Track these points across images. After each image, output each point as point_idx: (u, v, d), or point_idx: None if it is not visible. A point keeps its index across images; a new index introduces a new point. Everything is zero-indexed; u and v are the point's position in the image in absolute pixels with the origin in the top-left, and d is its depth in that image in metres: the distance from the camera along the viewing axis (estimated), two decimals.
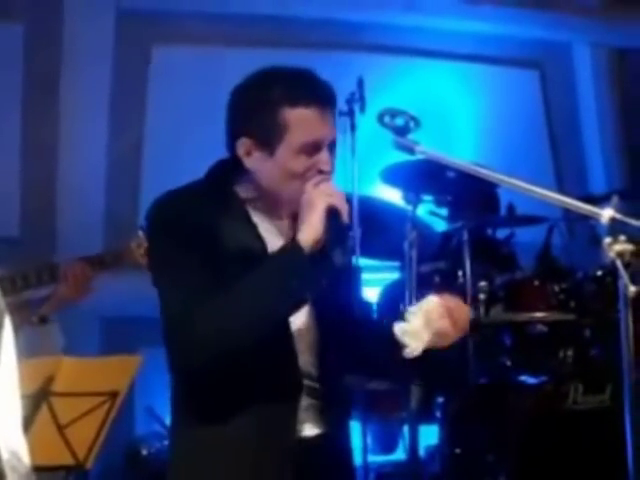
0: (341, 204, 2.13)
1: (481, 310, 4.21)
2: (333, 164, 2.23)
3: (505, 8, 5.87)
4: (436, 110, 5.42)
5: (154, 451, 4.80)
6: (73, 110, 5.19)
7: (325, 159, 2.19)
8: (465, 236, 4.27)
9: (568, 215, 4.59)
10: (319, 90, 2.20)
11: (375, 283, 4.70)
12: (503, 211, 4.57)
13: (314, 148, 2.18)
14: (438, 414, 4.33)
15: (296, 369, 2.21)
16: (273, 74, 2.22)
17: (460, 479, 4.15)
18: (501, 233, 4.85)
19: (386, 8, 5.62)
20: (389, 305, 4.54)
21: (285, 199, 2.22)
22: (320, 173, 2.19)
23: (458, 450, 4.17)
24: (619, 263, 1.84)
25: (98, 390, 3.01)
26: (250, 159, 2.20)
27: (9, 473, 1.04)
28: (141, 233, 3.39)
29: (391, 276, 4.75)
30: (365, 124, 4.15)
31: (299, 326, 2.23)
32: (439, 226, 4.78)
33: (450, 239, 4.63)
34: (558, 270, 4.35)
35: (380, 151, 2.96)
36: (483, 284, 4.25)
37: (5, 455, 1.03)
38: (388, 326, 2.34)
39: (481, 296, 4.23)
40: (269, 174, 2.20)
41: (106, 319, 5.07)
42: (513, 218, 4.57)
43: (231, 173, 2.26)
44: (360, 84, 4.25)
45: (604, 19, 6.12)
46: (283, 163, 2.18)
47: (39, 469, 1.60)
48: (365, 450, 4.44)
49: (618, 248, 1.85)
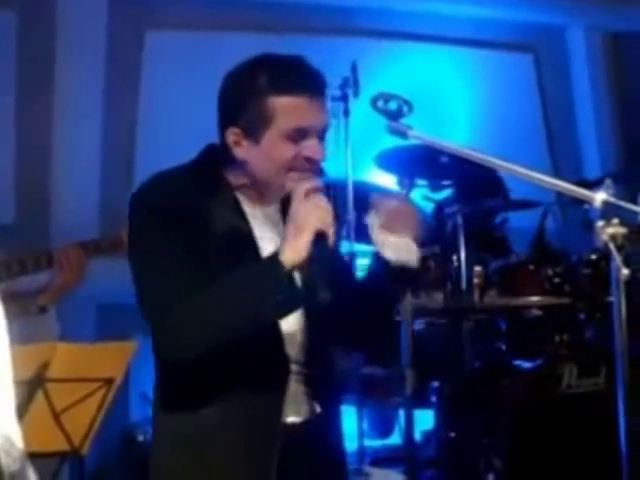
0: (329, 227, 2.06)
1: (476, 295, 4.22)
2: (324, 153, 2.19)
3: None
4: (430, 94, 5.42)
5: (149, 437, 4.80)
6: (67, 96, 5.18)
7: (313, 146, 2.16)
8: (459, 221, 4.28)
9: (562, 199, 4.59)
10: (307, 78, 2.16)
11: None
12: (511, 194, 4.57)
13: (300, 135, 2.15)
14: (433, 398, 4.34)
15: (282, 355, 2.20)
16: (260, 62, 2.19)
17: (455, 463, 4.16)
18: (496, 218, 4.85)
19: None
20: None
21: (273, 187, 2.20)
22: (308, 161, 2.16)
23: (453, 434, 4.18)
24: (612, 246, 1.85)
25: (93, 376, 3.01)
26: (239, 148, 2.18)
27: (3, 457, 1.04)
28: None
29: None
30: (359, 109, 4.15)
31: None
32: (432, 211, 4.78)
33: (444, 224, 4.63)
34: (552, 254, 4.35)
35: (374, 136, 2.96)
36: (478, 269, 4.25)
37: None
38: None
39: (476, 281, 4.23)
40: (257, 163, 2.18)
41: (102, 306, 5.07)
42: (507, 203, 4.57)
43: (221, 159, 2.24)
44: (354, 69, 4.25)
45: (599, 2, 6.11)
46: (269, 151, 2.15)
47: (34, 455, 1.60)
48: (361, 435, 4.45)
49: (611, 231, 1.86)
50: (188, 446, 2.21)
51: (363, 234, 4.27)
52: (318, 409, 2.27)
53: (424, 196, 4.62)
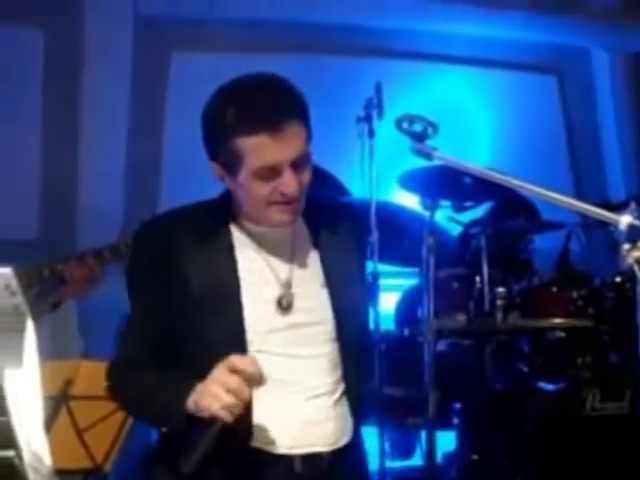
0: (228, 420, 2.04)
1: (499, 316, 4.21)
2: (303, 180, 2.17)
3: (523, 13, 5.86)
4: (454, 116, 5.42)
5: None
6: (93, 114, 5.21)
7: (286, 182, 2.14)
8: (483, 242, 4.27)
9: (586, 221, 4.58)
10: (269, 112, 2.11)
11: (393, 289, 4.70)
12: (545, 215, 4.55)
13: (271, 173, 2.13)
14: (455, 420, 4.32)
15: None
16: (225, 98, 2.18)
17: None
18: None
19: (404, 14, 5.62)
20: (407, 311, 4.55)
21: (258, 219, 2.23)
22: (282, 196, 2.15)
23: (475, 456, 4.17)
24: (637, 269, 1.84)
25: None
26: (226, 181, 2.22)
27: (31, 474, 1.05)
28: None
29: (409, 282, 4.75)
30: (383, 130, 4.16)
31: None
32: (456, 232, 4.78)
33: (468, 245, 4.63)
34: (576, 276, 4.34)
35: (398, 157, 2.96)
36: (501, 290, 4.24)
37: (27, 456, 1.04)
38: None
39: (499, 302, 4.22)
40: (240, 196, 2.21)
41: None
42: (531, 224, 4.56)
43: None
44: (378, 90, 4.25)
45: (623, 24, 6.10)
46: (246, 188, 2.17)
47: (58, 472, 1.61)
48: (382, 455, 4.44)
49: (636, 254, 1.85)
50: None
51: (386, 254, 4.28)
52: (344, 439, 2.26)
53: (447, 217, 4.62)
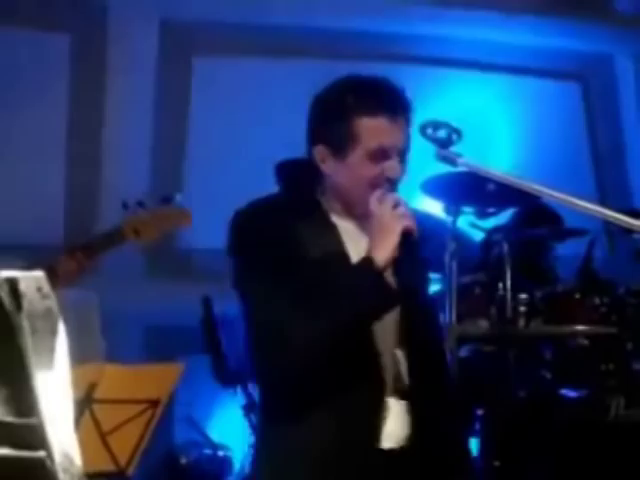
0: (413, 224, 2.21)
1: (521, 323, 4.20)
2: (403, 171, 2.31)
3: (546, 20, 5.85)
4: (478, 122, 5.41)
5: (193, 459, 4.83)
6: (117, 119, 5.24)
7: (393, 166, 2.28)
8: (505, 248, 4.26)
9: (610, 228, 4.57)
10: (390, 99, 2.30)
11: None
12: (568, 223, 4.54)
13: (382, 155, 2.27)
14: (478, 426, 4.31)
15: (379, 378, 2.27)
16: (346, 84, 2.33)
17: None
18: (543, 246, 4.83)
19: (428, 20, 5.63)
20: None
21: (357, 201, 2.31)
22: (387, 181, 2.28)
23: (498, 463, 4.15)
24: None
25: (140, 397, 3.03)
26: (325, 165, 2.31)
27: (61, 475, 1.06)
28: (132, 212, 3.42)
29: (432, 287, 4.74)
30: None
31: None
32: (479, 238, 4.77)
33: (490, 251, 4.62)
34: (599, 283, 4.32)
35: (421, 162, 2.96)
36: (523, 296, 4.23)
37: (58, 458, 1.06)
38: None
39: (521, 308, 4.21)
40: (342, 178, 2.30)
41: (149, 327, 5.10)
42: (555, 231, 4.55)
43: (309, 178, 2.37)
44: None
45: None
46: (354, 169, 2.27)
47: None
48: None
49: None
50: (287, 463, 2.27)
51: None
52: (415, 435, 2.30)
53: (470, 223, 4.61)
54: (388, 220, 2.20)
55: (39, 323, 1.10)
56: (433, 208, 4.61)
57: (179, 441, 5.05)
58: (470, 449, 2.48)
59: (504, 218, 4.67)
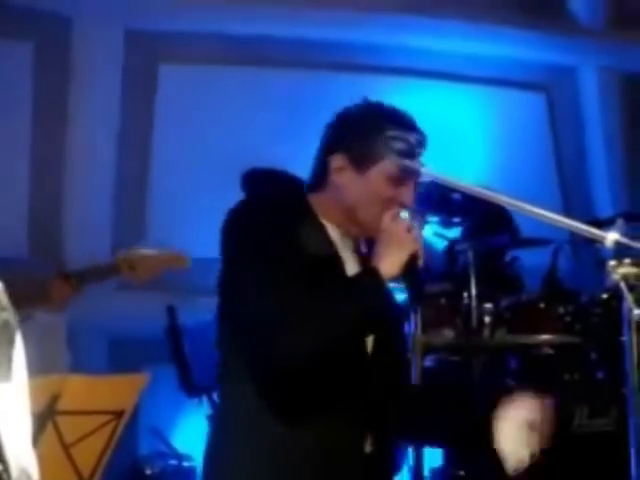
0: (421, 253, 2.24)
1: (486, 332, 4.21)
2: (414, 200, 2.34)
3: (511, 31, 5.89)
4: (443, 132, 5.43)
5: (158, 471, 4.80)
6: (81, 128, 5.21)
7: (409, 194, 2.32)
8: (470, 258, 4.28)
9: (574, 238, 4.59)
10: (420, 133, 2.37)
11: None
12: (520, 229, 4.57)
13: (401, 179, 2.30)
14: None
15: (366, 387, 2.30)
16: (381, 107, 2.38)
17: None
18: (507, 255, 4.85)
19: (395, 30, 5.65)
20: None
21: (361, 219, 2.32)
22: (400, 205, 2.30)
23: (462, 472, 4.16)
24: (623, 286, 1.85)
25: (104, 409, 3.00)
26: (340, 174, 2.31)
27: None
28: (128, 249, 3.45)
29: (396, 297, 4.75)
30: None
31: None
32: (444, 248, 4.78)
33: (455, 261, 4.64)
34: (564, 293, 4.35)
35: None
36: (488, 306, 4.25)
37: (15, 473, 1.04)
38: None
39: (486, 318, 4.23)
40: (355, 192, 2.31)
41: (113, 339, 5.08)
42: (518, 240, 4.57)
43: (303, 185, 2.37)
44: None
45: (611, 42, 6.14)
46: (372, 185, 2.30)
47: None
48: None
49: (623, 271, 1.86)
50: (263, 466, 2.26)
51: None
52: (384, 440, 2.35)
53: (435, 232, 4.63)
54: (402, 238, 2.22)
55: None
56: None
57: (144, 452, 5.02)
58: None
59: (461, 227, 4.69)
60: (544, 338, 4.24)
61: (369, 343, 2.33)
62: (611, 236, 1.90)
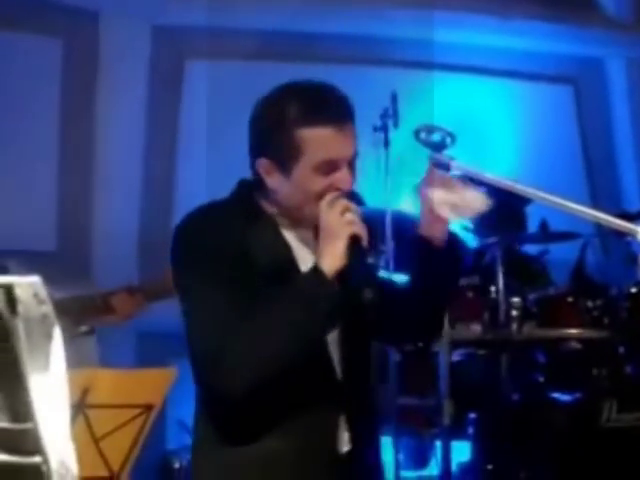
0: (362, 231, 2.08)
1: (514, 326, 4.20)
2: (353, 180, 2.18)
3: (538, 24, 5.87)
4: (471, 125, 5.42)
5: (186, 464, 4.82)
6: (109, 124, 5.24)
7: (344, 178, 2.14)
8: (498, 252, 4.27)
9: (602, 232, 4.58)
10: (334, 108, 2.14)
11: None
12: (532, 228, 4.56)
13: (331, 167, 2.13)
14: (470, 430, 4.32)
15: (335, 381, 2.20)
16: (288, 92, 2.18)
17: None
18: (534, 249, 4.84)
19: (423, 24, 5.64)
20: None
21: (306, 216, 2.19)
22: (338, 191, 2.13)
23: (490, 466, 4.16)
24: None
25: (133, 402, 3.02)
26: (270, 179, 2.17)
27: None
28: None
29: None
30: (399, 139, 4.16)
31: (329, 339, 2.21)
32: (472, 242, 4.78)
33: (483, 255, 4.63)
34: (592, 287, 4.34)
35: (414, 166, 2.97)
36: (516, 300, 4.24)
37: (54, 464, 1.05)
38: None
39: (514, 312, 4.22)
40: (288, 194, 2.16)
41: (142, 333, 5.10)
42: (546, 234, 4.56)
43: (255, 189, 2.23)
44: (394, 99, 4.26)
45: (638, 34, 6.10)
46: (301, 184, 2.14)
47: None
48: (397, 465, 4.44)
49: None
50: (238, 477, 2.19)
51: (401, 264, 4.28)
52: (359, 438, 2.23)
53: (463, 227, 4.62)
54: (335, 226, 2.07)
55: (35, 328, 1.10)
56: None
57: (172, 446, 5.04)
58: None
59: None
60: (572, 332, 4.22)
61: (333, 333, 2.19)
62: None
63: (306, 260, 2.20)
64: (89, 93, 5.23)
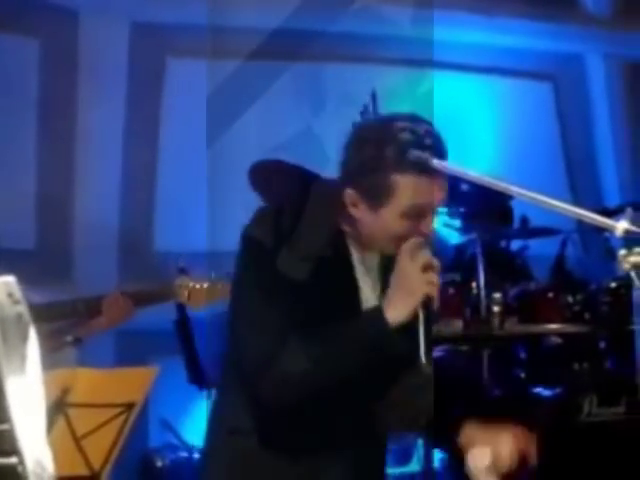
0: (436, 294, 2.10)
1: (495, 322, 4.21)
2: (434, 224, 2.21)
3: (518, 20, 5.88)
4: (452, 122, 5.43)
5: (168, 463, 4.82)
6: (89, 123, 5.22)
7: (429, 225, 2.17)
8: (479, 248, 4.28)
9: (582, 227, 4.59)
10: (430, 154, 2.13)
11: None
12: (517, 223, 4.58)
13: (418, 213, 2.15)
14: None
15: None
16: (386, 131, 2.16)
17: None
18: (515, 245, 4.85)
19: (403, 21, 5.64)
20: None
21: (379, 248, 2.22)
22: (420, 235, 2.16)
23: None
24: (634, 275, 1.85)
25: (114, 401, 3.01)
26: (354, 209, 2.18)
27: None
28: (185, 276, 3.43)
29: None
30: None
31: None
32: (453, 238, 4.79)
33: (464, 251, 4.64)
34: (572, 282, 4.35)
35: None
36: (497, 296, 4.25)
37: (30, 464, 1.05)
38: None
39: (495, 308, 4.22)
40: (369, 227, 2.18)
41: (120, 332, 5.08)
42: (527, 230, 4.57)
43: (336, 204, 2.22)
44: (374, 97, 4.27)
45: (617, 31, 6.13)
46: (386, 223, 2.16)
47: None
48: None
49: (633, 260, 1.86)
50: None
51: None
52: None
53: (444, 223, 4.63)
54: (414, 281, 2.08)
55: (10, 329, 1.10)
56: None
57: (154, 444, 5.04)
58: None
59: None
60: (553, 327, 4.24)
61: None
62: (621, 225, 1.89)
63: (365, 283, 2.24)
64: (67, 93, 5.20)
